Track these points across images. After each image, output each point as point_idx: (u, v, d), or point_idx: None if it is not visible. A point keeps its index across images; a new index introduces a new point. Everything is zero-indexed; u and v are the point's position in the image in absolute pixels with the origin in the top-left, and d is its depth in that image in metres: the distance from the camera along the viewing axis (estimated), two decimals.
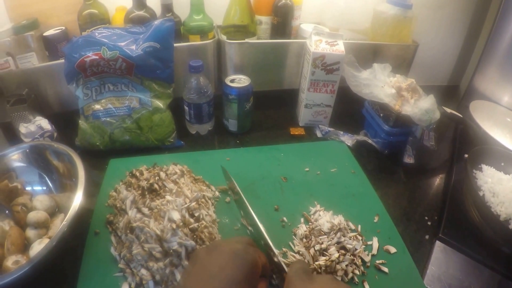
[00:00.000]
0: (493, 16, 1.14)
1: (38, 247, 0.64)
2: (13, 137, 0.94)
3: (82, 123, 0.91)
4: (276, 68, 1.03)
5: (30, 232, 0.70)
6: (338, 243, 0.66)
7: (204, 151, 0.92)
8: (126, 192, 0.74)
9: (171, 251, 0.62)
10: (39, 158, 0.81)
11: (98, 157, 0.89)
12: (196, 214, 0.68)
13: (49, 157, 0.80)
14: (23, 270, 0.55)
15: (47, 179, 0.82)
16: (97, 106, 0.89)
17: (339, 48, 0.91)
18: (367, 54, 1.04)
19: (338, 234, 0.68)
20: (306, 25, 1.04)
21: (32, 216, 0.71)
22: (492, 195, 0.79)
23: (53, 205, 0.76)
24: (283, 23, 0.99)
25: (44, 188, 0.81)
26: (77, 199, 0.66)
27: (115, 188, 0.80)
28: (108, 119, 0.89)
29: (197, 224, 0.66)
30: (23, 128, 0.90)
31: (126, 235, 0.67)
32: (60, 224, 0.67)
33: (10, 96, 0.95)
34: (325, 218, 0.72)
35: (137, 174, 0.80)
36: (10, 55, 0.95)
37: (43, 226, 0.71)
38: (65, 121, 0.96)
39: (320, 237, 0.68)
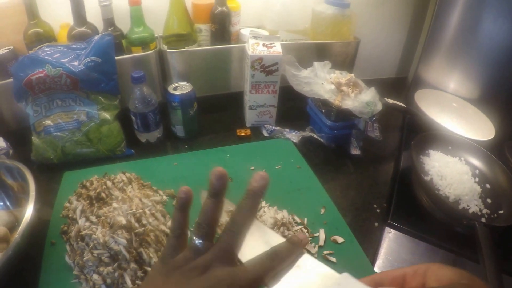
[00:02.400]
0: (433, 7, 1.18)
1: None
2: None
3: (34, 138, 0.93)
4: (220, 73, 1.06)
5: None
6: None
7: (153, 158, 0.95)
8: (76, 202, 0.78)
9: (120, 257, 0.65)
10: None
11: (54, 170, 0.91)
12: (144, 221, 0.71)
13: (2, 174, 0.82)
14: None
15: (3, 195, 0.83)
16: (48, 122, 0.92)
17: (276, 49, 0.94)
18: (309, 53, 1.08)
19: (282, 229, 0.71)
20: (246, 30, 1.07)
21: None
22: (440, 178, 0.83)
23: (12, 220, 0.77)
24: (221, 29, 1.02)
25: (1, 204, 0.83)
26: (28, 212, 0.68)
27: (69, 199, 0.83)
28: (59, 133, 0.91)
29: (142, 228, 0.69)
30: None
31: (77, 243, 0.70)
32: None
33: None
34: (268, 214, 0.75)
35: (88, 184, 0.83)
36: None
37: (3, 241, 0.73)
38: (21, 138, 0.98)
39: None
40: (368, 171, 0.94)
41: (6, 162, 0.82)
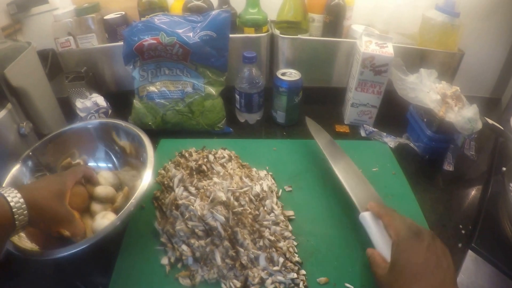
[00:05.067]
0: None
1: (101, 221, 0.67)
2: (69, 111, 0.99)
3: (136, 102, 0.95)
4: (325, 66, 1.04)
5: (96, 206, 0.72)
6: None
7: (252, 139, 0.95)
8: (174, 171, 0.78)
9: (214, 232, 0.65)
10: (105, 136, 0.84)
11: (149, 136, 0.92)
12: (242, 201, 0.70)
13: (115, 136, 0.84)
14: (89, 243, 0.58)
15: (112, 156, 0.85)
16: (152, 88, 0.93)
17: (388, 50, 0.92)
18: (414, 59, 1.05)
19: None
20: (357, 26, 1.05)
21: (101, 191, 0.73)
22: None
23: (117, 182, 0.79)
24: (335, 22, 1.00)
25: (110, 165, 0.85)
26: (146, 180, 0.67)
27: (164, 166, 0.84)
28: (161, 101, 0.93)
29: (241, 208, 0.68)
30: (79, 103, 0.94)
31: (171, 211, 0.71)
32: (122, 200, 0.71)
33: (69, 72, 1.00)
34: None
35: (186, 155, 0.84)
36: (71, 35, 1.00)
37: (109, 202, 0.74)
38: (120, 100, 1.01)
39: None
40: (458, 189, 0.90)
41: (122, 125, 0.83)
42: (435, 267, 0.52)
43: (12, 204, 0.51)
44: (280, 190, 0.80)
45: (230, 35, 0.93)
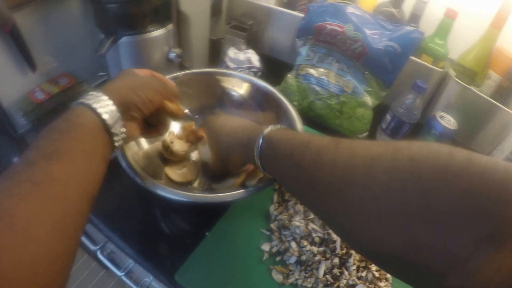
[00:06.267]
0: None
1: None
2: (215, 55, 0.99)
3: (291, 77, 0.94)
4: (477, 126, 0.99)
5: None
6: None
7: None
8: None
9: (330, 245, 0.64)
10: (252, 96, 0.84)
11: None
12: None
13: (264, 101, 0.82)
14: (203, 200, 0.61)
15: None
16: (313, 71, 0.92)
17: None
18: None
19: None
20: None
21: None
22: None
23: None
24: (510, 89, 0.96)
25: None
26: None
27: None
28: (317, 87, 0.91)
29: None
30: (232, 53, 0.93)
31: (295, 203, 0.70)
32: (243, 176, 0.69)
33: (232, 19, 0.99)
34: None
35: None
36: None
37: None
38: (268, 66, 0.99)
39: None
40: None
41: (275, 93, 0.81)
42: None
43: (104, 116, 0.44)
44: None
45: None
